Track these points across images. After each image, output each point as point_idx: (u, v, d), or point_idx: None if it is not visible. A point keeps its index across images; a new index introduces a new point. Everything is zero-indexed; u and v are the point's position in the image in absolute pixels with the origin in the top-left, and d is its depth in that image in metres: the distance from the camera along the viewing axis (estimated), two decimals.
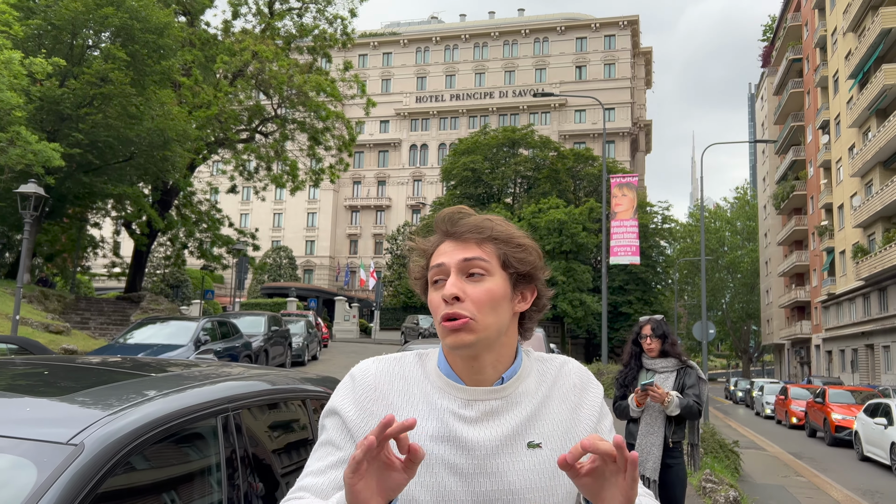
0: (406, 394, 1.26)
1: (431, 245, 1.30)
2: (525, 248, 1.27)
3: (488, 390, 1.25)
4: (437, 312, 1.22)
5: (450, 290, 1.19)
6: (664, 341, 4.63)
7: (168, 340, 12.70)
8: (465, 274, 1.22)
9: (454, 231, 1.26)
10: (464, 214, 1.28)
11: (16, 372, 2.27)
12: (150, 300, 26.47)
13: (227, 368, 2.76)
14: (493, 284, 1.22)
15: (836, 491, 11.85)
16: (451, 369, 1.27)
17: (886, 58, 35.70)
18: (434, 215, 22.36)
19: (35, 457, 1.48)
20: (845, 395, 21.43)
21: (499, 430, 1.22)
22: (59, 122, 20.84)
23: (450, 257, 1.23)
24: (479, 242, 1.24)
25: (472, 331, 1.19)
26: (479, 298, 1.20)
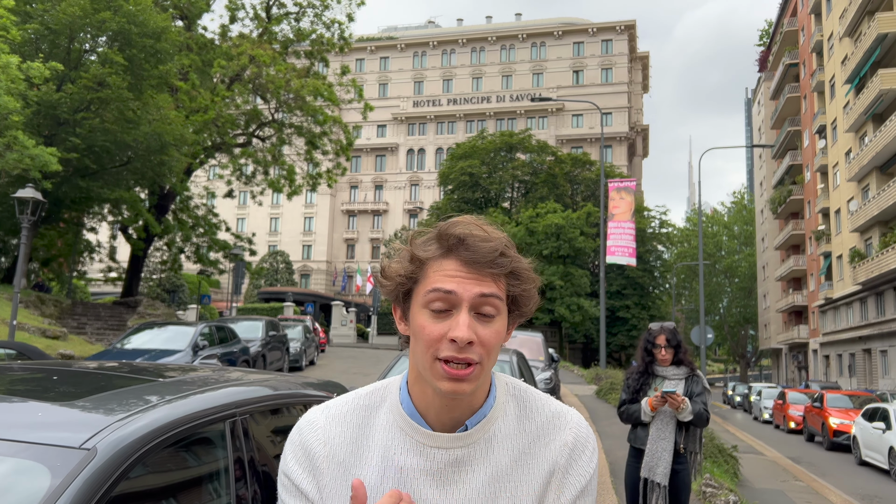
0: (355, 446, 1.13)
1: (430, 255, 1.09)
2: (534, 286, 1.14)
3: (452, 437, 1.10)
4: (433, 346, 1.05)
5: (466, 333, 1.02)
6: (677, 351, 4.64)
7: (166, 346, 12.66)
8: (476, 310, 1.06)
9: (467, 255, 1.07)
10: (482, 235, 1.09)
11: (22, 377, 2.27)
12: (146, 305, 26.41)
13: (228, 373, 2.75)
14: (501, 325, 1.09)
15: (835, 495, 11.85)
16: (415, 409, 1.13)
17: (883, 63, 35.86)
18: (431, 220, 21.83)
19: (48, 461, 1.47)
20: (843, 400, 21.45)
21: (463, 489, 1.09)
22: (57, 126, 20.81)
23: (462, 288, 1.05)
24: (496, 277, 1.08)
25: (475, 379, 1.06)
26: (489, 343, 1.06)
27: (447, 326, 1.04)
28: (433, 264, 1.08)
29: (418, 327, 1.07)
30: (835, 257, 43.99)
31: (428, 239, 1.11)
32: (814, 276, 49.87)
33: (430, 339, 1.05)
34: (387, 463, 1.10)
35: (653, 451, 4.50)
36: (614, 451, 9.02)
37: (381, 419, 1.14)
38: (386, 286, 1.13)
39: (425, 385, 1.10)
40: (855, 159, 37.52)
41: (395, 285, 1.11)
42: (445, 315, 1.05)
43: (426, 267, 1.09)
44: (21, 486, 1.45)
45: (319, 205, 75.54)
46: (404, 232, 62.11)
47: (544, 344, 13.13)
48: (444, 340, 1.04)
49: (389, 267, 1.12)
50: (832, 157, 44.60)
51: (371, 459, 1.11)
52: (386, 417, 1.14)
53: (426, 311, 1.06)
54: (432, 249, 1.09)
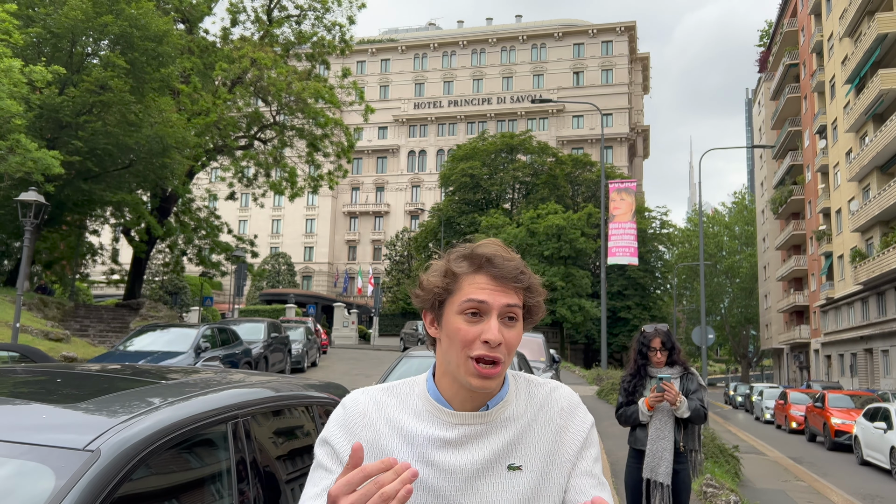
0: (391, 420, 1.31)
1: (462, 270, 1.31)
2: (543, 298, 1.35)
3: (473, 415, 1.30)
4: (468, 346, 1.26)
5: (496, 335, 1.24)
6: (672, 352, 4.66)
7: (168, 348, 12.70)
8: (502, 317, 1.27)
9: (495, 272, 1.29)
10: (505, 256, 1.31)
11: (26, 379, 2.30)
12: (149, 307, 26.46)
13: (231, 375, 2.79)
14: (520, 329, 1.31)
15: (837, 495, 11.86)
16: (441, 394, 1.33)
17: (883, 63, 35.86)
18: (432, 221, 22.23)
19: (53, 463, 1.51)
20: (845, 400, 21.44)
21: (480, 453, 1.29)
22: (59, 129, 20.87)
23: (493, 298, 1.27)
24: (517, 290, 1.30)
25: (500, 376, 1.27)
26: (513, 343, 1.28)
27: (480, 330, 1.26)
28: (466, 279, 1.30)
29: (454, 330, 1.28)
30: (836, 257, 43.96)
31: (459, 257, 1.32)
32: (815, 276, 49.83)
33: (466, 340, 1.26)
34: (415, 434, 1.29)
35: (654, 452, 4.51)
36: (615, 451, 9.04)
37: (412, 403, 1.34)
38: (420, 296, 1.34)
39: (453, 379, 1.31)
40: (856, 159, 37.51)
41: (431, 296, 1.32)
42: (478, 320, 1.27)
43: (460, 280, 1.30)
44: (26, 487, 1.48)
45: (321, 207, 75.60)
46: (405, 233, 62.06)
47: (545, 345, 13.16)
48: (477, 341, 1.25)
49: (427, 280, 1.34)
50: (833, 158, 44.58)
51: (401, 432, 1.30)
52: (416, 402, 1.34)
53: (462, 317, 1.27)
54: (465, 266, 1.31)
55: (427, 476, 1.26)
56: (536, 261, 45.80)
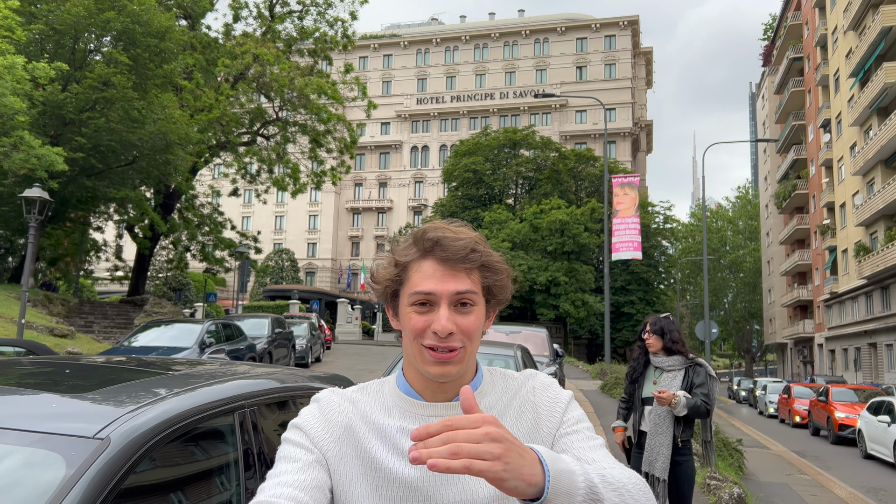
0: (363, 415, 1.26)
1: (410, 258, 1.24)
2: (505, 275, 1.27)
3: (447, 406, 1.25)
4: (419, 336, 1.20)
5: (446, 325, 1.17)
6: (663, 337, 4.64)
7: (173, 343, 12.75)
8: (454, 304, 1.20)
9: (443, 255, 1.21)
10: (452, 237, 1.22)
11: (35, 371, 2.32)
12: (153, 303, 26.53)
13: (236, 367, 2.80)
14: (479, 314, 1.23)
15: (840, 489, 11.87)
16: (411, 388, 1.27)
17: (887, 56, 35.73)
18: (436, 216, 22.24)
19: (63, 451, 1.52)
20: (848, 394, 21.43)
21: None
22: (62, 126, 20.91)
23: (440, 286, 1.19)
24: (469, 271, 1.22)
25: (459, 361, 1.20)
26: (468, 330, 1.20)
27: (431, 319, 1.19)
28: (413, 266, 1.23)
29: (406, 322, 1.22)
30: (840, 251, 43.87)
31: (407, 244, 1.25)
32: (819, 270, 49.75)
33: (416, 331, 1.20)
34: (387, 427, 1.24)
35: (651, 446, 4.53)
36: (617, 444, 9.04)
37: (383, 400, 1.29)
38: (376, 289, 1.29)
39: (418, 371, 1.25)
40: (860, 153, 37.41)
41: (383, 288, 1.27)
42: (428, 310, 1.20)
43: (408, 270, 1.23)
44: (37, 474, 1.50)
45: (324, 203, 75.63)
46: (408, 229, 62.12)
47: (549, 339, 13.17)
48: (427, 331, 1.19)
49: (377, 273, 1.28)
50: (837, 151, 44.45)
51: (373, 426, 1.25)
52: (387, 399, 1.29)
53: (411, 308, 1.21)
54: (411, 253, 1.24)
55: (404, 468, 1.20)
56: (540, 256, 45.78)
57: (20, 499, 1.42)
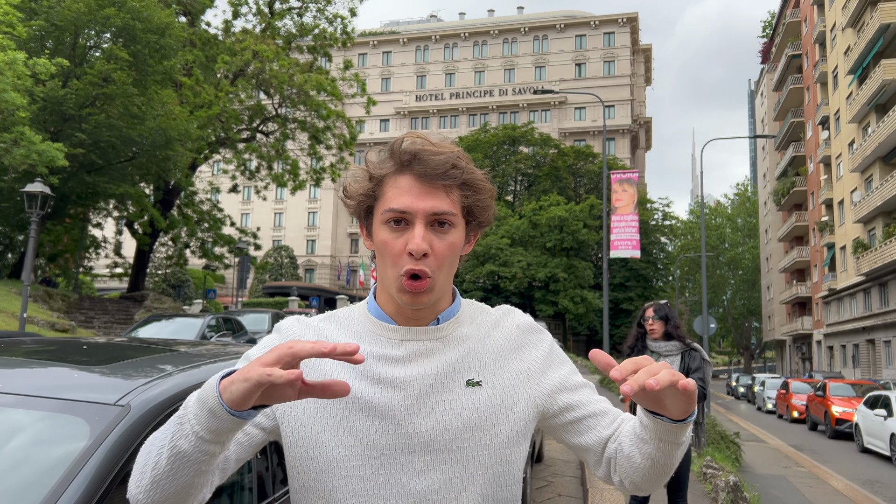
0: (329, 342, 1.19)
1: (385, 171, 1.15)
2: (488, 195, 1.19)
3: (423, 330, 1.17)
4: (395, 260, 1.11)
5: (420, 245, 1.09)
6: (667, 323, 4.76)
7: (174, 337, 12.82)
8: (431, 224, 1.12)
9: (421, 170, 1.12)
10: (432, 150, 1.13)
11: (53, 348, 2.41)
12: (153, 299, 26.61)
13: (239, 347, 2.89)
14: (457, 237, 1.15)
15: (837, 481, 11.97)
16: (383, 311, 1.19)
17: (885, 53, 35.81)
18: None
19: (88, 416, 1.61)
20: (846, 389, 21.54)
21: (432, 367, 1.14)
22: (62, 122, 20.97)
23: (416, 203, 1.11)
24: (448, 190, 1.13)
25: (431, 290, 1.12)
26: (443, 253, 1.12)
27: (405, 239, 1.11)
28: (389, 181, 1.14)
29: (381, 243, 1.14)
30: (838, 248, 43.99)
31: (383, 157, 1.17)
32: (817, 267, 49.88)
33: (394, 254, 1.11)
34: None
35: None
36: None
37: (352, 327, 1.20)
38: (350, 205, 1.20)
39: (391, 296, 1.17)
40: (858, 150, 37.50)
41: (356, 204, 1.18)
42: (403, 228, 1.12)
43: (383, 184, 1.15)
44: (64, 437, 1.59)
45: (323, 199, 75.70)
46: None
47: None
48: (403, 254, 1.11)
49: (350, 186, 1.19)
50: (835, 148, 44.55)
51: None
52: (357, 325, 1.20)
53: (386, 227, 1.13)
54: (387, 167, 1.15)
55: (373, 395, 1.11)
56: (539, 252, 45.87)
57: (51, 459, 1.51)
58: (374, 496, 1.09)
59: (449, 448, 1.11)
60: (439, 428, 1.11)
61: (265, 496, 2.14)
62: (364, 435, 1.10)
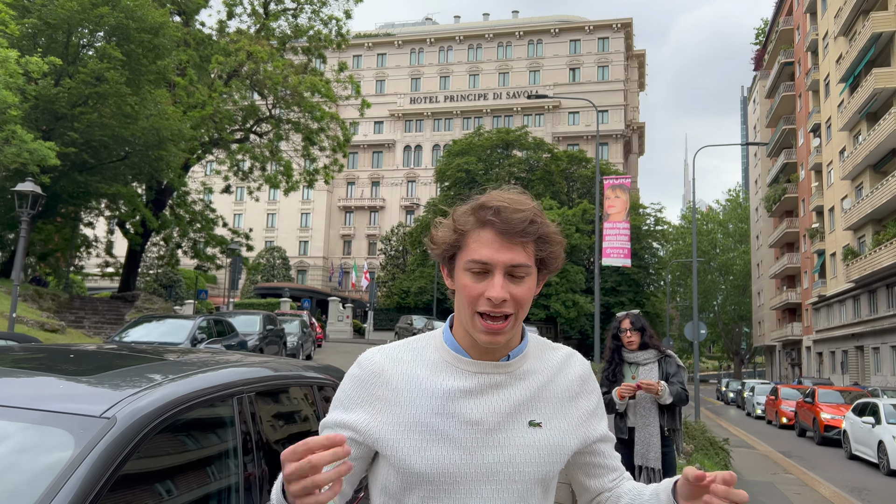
0: (407, 375, 1.29)
1: (469, 226, 1.28)
2: (559, 247, 1.31)
3: (495, 365, 1.30)
4: (473, 302, 1.25)
5: (500, 294, 1.22)
6: (643, 334, 4.79)
7: (164, 338, 12.77)
8: (508, 273, 1.25)
9: (501, 227, 1.24)
10: (515, 208, 1.25)
11: (38, 356, 2.39)
12: (144, 299, 26.50)
13: (229, 355, 2.88)
14: (531, 284, 1.27)
15: (825, 488, 12.03)
16: (459, 345, 1.32)
17: (877, 62, 36.05)
18: (427, 216, 22.21)
19: (72, 428, 1.60)
20: (834, 395, 21.65)
21: (501, 405, 1.28)
22: (55, 120, 20.87)
23: (496, 255, 1.24)
24: (525, 245, 1.25)
25: (509, 331, 1.26)
26: (521, 299, 1.25)
27: (485, 286, 1.24)
28: (472, 234, 1.27)
29: (461, 286, 1.27)
30: (828, 255, 44.23)
31: (466, 212, 1.29)
32: (807, 273, 50.13)
33: (471, 297, 1.25)
34: (434, 386, 1.28)
35: (642, 438, 4.63)
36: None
37: (429, 355, 1.33)
38: (434, 251, 1.34)
39: (467, 332, 1.30)
40: (849, 158, 37.73)
41: (441, 251, 1.31)
42: (484, 276, 1.25)
43: (467, 237, 1.28)
44: (47, 451, 1.58)
45: (316, 201, 75.55)
46: (401, 228, 61.71)
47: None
48: (482, 298, 1.24)
49: (436, 235, 1.33)
50: (826, 156, 44.82)
51: (419, 385, 1.29)
52: (433, 354, 1.33)
53: (468, 273, 1.26)
54: (471, 222, 1.28)
55: (447, 427, 1.24)
56: None
57: (34, 473, 1.50)
58: None
59: (511, 479, 1.26)
60: (505, 460, 1.26)
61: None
62: (445, 461, 1.24)
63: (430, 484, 1.23)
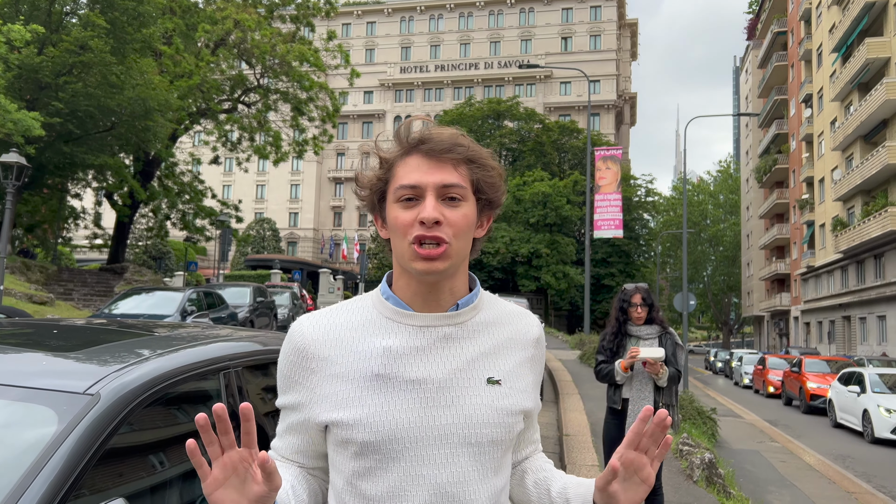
0: (340, 340, 1.19)
1: (393, 155, 1.20)
2: (496, 172, 1.22)
3: (442, 316, 1.19)
4: (406, 232, 1.15)
5: (432, 213, 1.12)
6: (651, 309, 4.80)
7: (154, 311, 12.72)
8: (441, 197, 1.16)
9: (427, 148, 1.17)
10: (437, 131, 1.19)
11: (21, 331, 2.36)
12: (133, 271, 26.38)
13: (217, 330, 2.86)
14: (468, 210, 1.18)
15: (810, 456, 12.23)
16: (400, 299, 1.21)
17: (870, 31, 35.88)
18: None
19: (55, 405, 1.58)
20: (821, 365, 21.92)
21: (452, 360, 1.18)
22: (39, 90, 20.52)
23: (425, 177, 1.15)
24: (455, 164, 1.17)
25: (447, 257, 1.15)
26: (457, 224, 1.15)
27: (417, 212, 1.15)
28: (399, 163, 1.19)
29: (393, 220, 1.18)
30: (818, 226, 44.48)
31: (390, 143, 1.22)
32: (796, 244, 50.44)
33: (404, 225, 1.16)
34: (370, 347, 1.17)
35: (635, 412, 4.67)
36: (595, 412, 9.26)
37: (365, 315, 1.22)
38: (363, 195, 1.25)
39: (409, 277, 1.20)
40: (840, 128, 37.74)
41: (370, 191, 1.23)
42: (415, 204, 1.16)
43: (394, 167, 1.20)
44: (30, 428, 1.55)
45: (306, 172, 75.08)
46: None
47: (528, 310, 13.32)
48: (415, 224, 1.14)
49: (362, 175, 1.25)
50: (818, 127, 44.81)
51: (353, 349, 1.18)
52: (370, 313, 1.22)
53: (397, 205, 1.17)
54: (396, 150, 1.21)
55: (389, 389, 1.14)
56: (522, 228, 45.93)
57: (15, 451, 1.48)
58: (396, 488, 1.13)
59: (468, 442, 1.15)
60: (460, 421, 1.15)
61: None
62: (385, 429, 1.12)
63: (378, 453, 1.12)
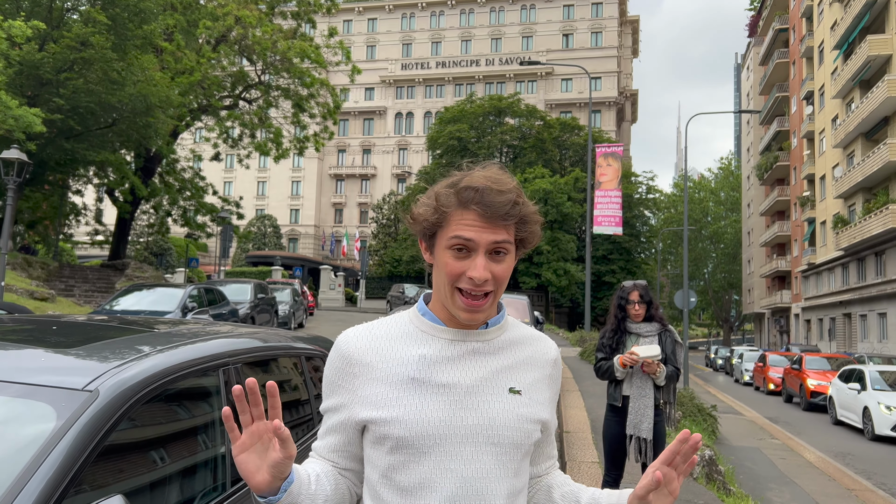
0: (381, 349, 1.32)
1: (451, 206, 1.29)
2: (538, 227, 1.34)
3: (472, 332, 1.33)
4: (453, 278, 1.27)
5: (482, 274, 1.24)
6: (649, 306, 4.80)
7: (155, 307, 12.73)
8: (489, 252, 1.27)
9: (483, 210, 1.26)
10: (498, 190, 1.27)
11: (22, 328, 2.36)
12: (134, 268, 26.38)
13: (218, 326, 2.86)
14: (510, 262, 1.30)
15: (810, 453, 12.23)
16: (436, 315, 1.34)
17: (871, 28, 35.80)
18: (419, 185, 22.27)
19: (54, 402, 1.58)
20: (821, 362, 21.92)
21: (478, 370, 1.31)
22: (40, 86, 20.50)
23: (479, 235, 1.26)
24: (507, 226, 1.28)
25: (489, 308, 1.29)
26: (500, 277, 1.28)
27: (467, 265, 1.26)
28: (454, 214, 1.28)
29: (443, 264, 1.29)
30: (818, 223, 44.42)
31: (448, 192, 1.30)
32: (797, 241, 50.39)
33: (453, 275, 1.27)
34: (407, 355, 1.31)
35: (636, 409, 4.68)
36: (595, 409, 9.26)
37: (403, 328, 1.36)
38: (414, 227, 1.35)
39: (445, 307, 1.32)
40: (841, 126, 37.67)
41: (421, 228, 1.33)
42: (465, 254, 1.27)
43: (448, 216, 1.29)
44: (29, 424, 1.56)
45: (307, 169, 75.05)
46: (392, 197, 61.44)
47: (530, 307, 13.32)
48: (463, 276, 1.26)
49: (417, 213, 1.33)
50: (819, 124, 44.73)
51: (393, 356, 1.31)
52: (408, 326, 1.36)
53: (450, 251, 1.28)
54: (454, 203, 1.28)
55: (422, 391, 1.27)
56: None
57: (14, 447, 1.48)
58: (427, 479, 1.26)
59: (491, 441, 1.28)
60: (483, 423, 1.28)
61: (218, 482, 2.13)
62: (418, 426, 1.25)
63: (411, 448, 1.25)
